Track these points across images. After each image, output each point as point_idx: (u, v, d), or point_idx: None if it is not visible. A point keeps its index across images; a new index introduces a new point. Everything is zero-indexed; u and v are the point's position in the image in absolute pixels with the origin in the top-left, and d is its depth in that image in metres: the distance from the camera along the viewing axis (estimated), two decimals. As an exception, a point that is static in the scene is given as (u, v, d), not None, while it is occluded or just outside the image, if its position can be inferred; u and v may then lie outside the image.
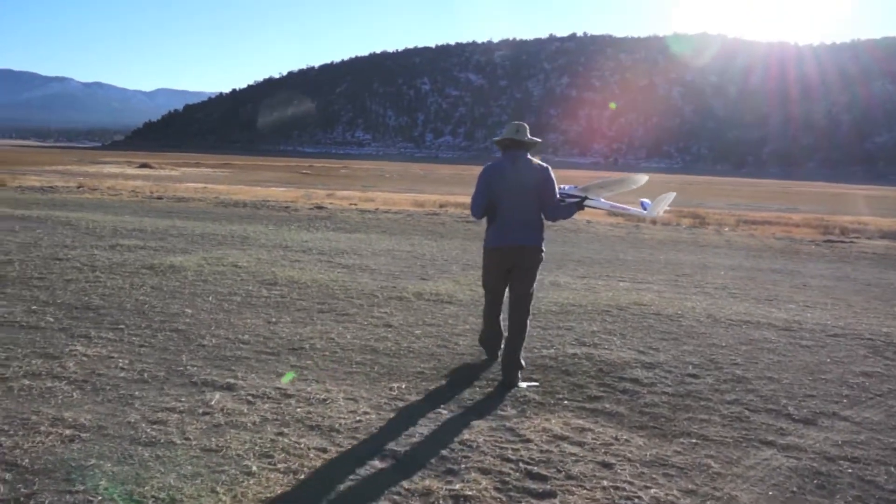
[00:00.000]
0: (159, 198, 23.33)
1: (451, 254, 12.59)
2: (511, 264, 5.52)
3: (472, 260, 11.80)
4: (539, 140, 5.83)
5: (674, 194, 7.48)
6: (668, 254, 14.49)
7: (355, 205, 24.03)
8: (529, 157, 5.62)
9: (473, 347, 6.23)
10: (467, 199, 30.13)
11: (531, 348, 6.17)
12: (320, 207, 21.57)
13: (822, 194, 78.93)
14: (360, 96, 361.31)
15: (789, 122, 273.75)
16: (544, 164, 5.57)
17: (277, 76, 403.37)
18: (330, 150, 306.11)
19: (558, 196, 5.71)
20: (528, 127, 5.69)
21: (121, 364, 5.25)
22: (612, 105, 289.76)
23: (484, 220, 5.76)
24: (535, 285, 5.62)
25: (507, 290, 5.70)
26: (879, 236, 22.29)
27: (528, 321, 5.58)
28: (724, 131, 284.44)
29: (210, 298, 7.65)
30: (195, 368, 5.24)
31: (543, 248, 5.59)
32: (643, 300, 8.70)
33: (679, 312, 8.06)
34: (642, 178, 6.73)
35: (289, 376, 5.19)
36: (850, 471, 4.01)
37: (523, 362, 5.52)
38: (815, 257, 15.49)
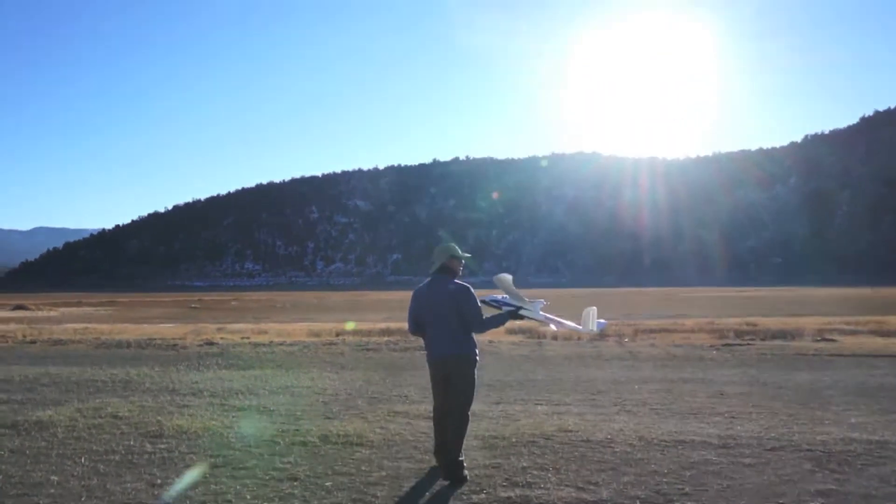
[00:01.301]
0: (33, 342, 21.58)
1: (354, 386, 11.77)
2: (445, 373, 6.12)
3: (378, 392, 11.04)
4: (450, 259, 6.27)
5: (594, 308, 7.07)
6: (576, 370, 14.10)
7: (248, 338, 22.85)
8: (456, 279, 6.24)
9: (392, 497, 5.47)
10: (362, 326, 29.47)
11: (459, 495, 5.48)
12: (211, 343, 20.37)
13: (703, 298, 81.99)
14: (249, 227, 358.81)
15: (666, 230, 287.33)
16: (464, 285, 6.14)
17: (163, 210, 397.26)
18: (219, 282, 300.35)
19: (495, 304, 6.43)
20: (448, 251, 6.29)
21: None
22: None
23: None
24: (470, 400, 6.14)
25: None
26: (772, 336, 22.75)
27: (466, 423, 6.13)
28: (606, 243, 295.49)
29: (82, 460, 6.61)
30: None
31: (475, 355, 6.13)
32: (567, 426, 8.13)
33: (609, 437, 7.52)
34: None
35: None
36: None
37: (462, 459, 6.09)
38: (719, 363, 15.43)
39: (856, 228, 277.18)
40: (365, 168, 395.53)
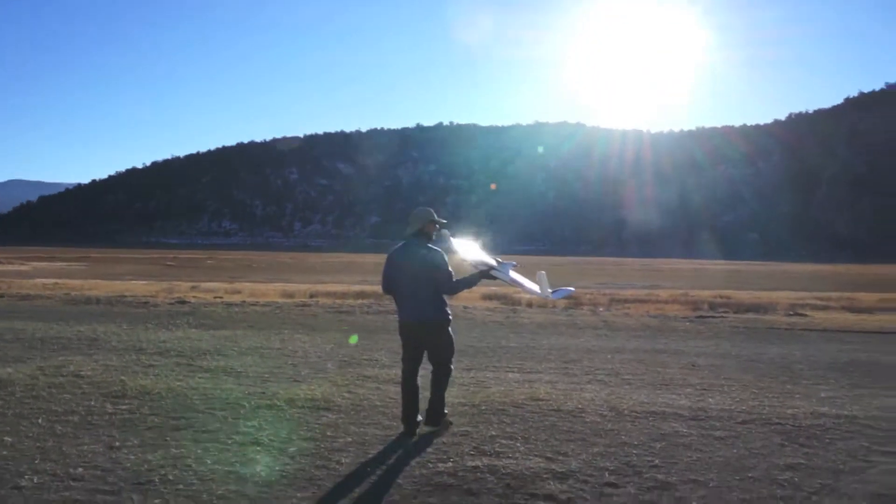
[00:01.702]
0: (0, 296, 21.23)
1: (325, 349, 11.62)
2: (417, 337, 6.35)
3: (349, 355, 10.90)
4: (427, 224, 6.42)
5: (543, 272, 6.98)
6: (549, 338, 14.05)
7: (221, 297, 22.61)
8: (429, 244, 6.39)
9: (357, 464, 5.36)
10: (338, 288, 29.32)
11: (425, 463, 5.37)
12: (183, 302, 20.12)
13: (681, 270, 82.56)
14: (227, 186, 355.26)
15: (645, 204, 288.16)
16: (436, 249, 6.34)
17: (140, 166, 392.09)
18: (195, 240, 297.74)
19: (472, 265, 6.66)
20: (424, 215, 6.44)
21: None
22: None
23: None
24: (452, 354, 6.45)
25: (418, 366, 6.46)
26: (745, 310, 22.86)
27: (448, 377, 6.48)
28: (586, 214, 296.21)
29: (39, 420, 6.42)
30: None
31: (447, 317, 6.31)
32: (538, 394, 8.04)
33: (580, 407, 7.44)
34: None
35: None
36: None
37: (446, 411, 6.55)
38: (692, 334, 15.44)
39: (836, 207, 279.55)
40: (348, 130, 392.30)
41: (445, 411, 6.52)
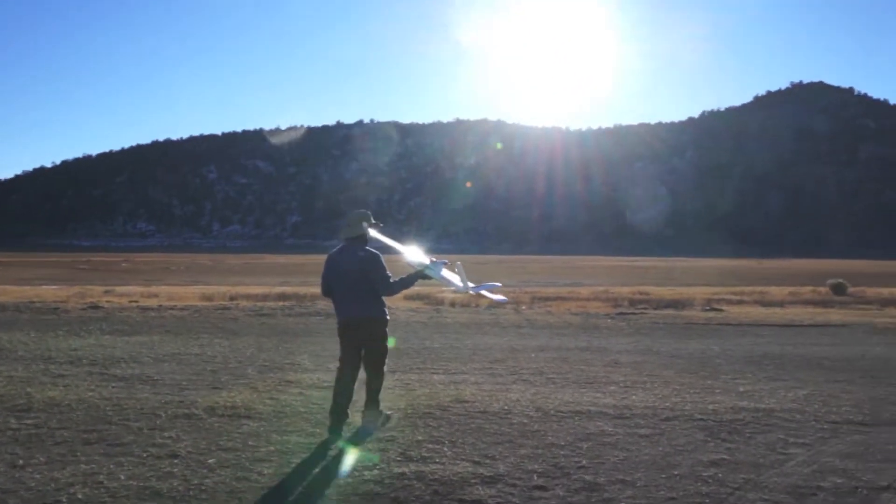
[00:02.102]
0: None
1: (245, 354, 11.33)
2: (355, 336, 6.45)
3: (271, 360, 10.65)
4: (360, 226, 6.58)
5: (460, 264, 7.00)
6: (474, 338, 14.06)
7: (136, 302, 21.89)
8: (366, 246, 6.56)
9: (280, 475, 5.18)
10: (259, 290, 28.78)
11: (351, 472, 5.23)
12: (96, 307, 19.39)
13: (601, 267, 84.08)
14: (143, 185, 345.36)
15: (565, 201, 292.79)
16: (373, 251, 6.47)
17: (50, 165, 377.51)
18: (110, 242, 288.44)
19: (409, 264, 6.79)
20: (363, 218, 6.63)
21: None
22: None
23: None
24: (386, 354, 6.61)
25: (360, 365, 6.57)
26: (664, 306, 23.38)
27: (383, 376, 6.68)
28: (508, 212, 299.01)
29: (-64, 440, 6.02)
30: None
31: (384, 316, 6.50)
32: (464, 396, 7.98)
33: (506, 408, 7.40)
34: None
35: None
36: None
37: (381, 408, 6.70)
38: (614, 332, 15.67)
39: (746, 203, 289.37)
40: (266, 128, 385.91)
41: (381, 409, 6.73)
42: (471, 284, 6.82)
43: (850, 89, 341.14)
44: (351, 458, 5.63)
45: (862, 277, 51.50)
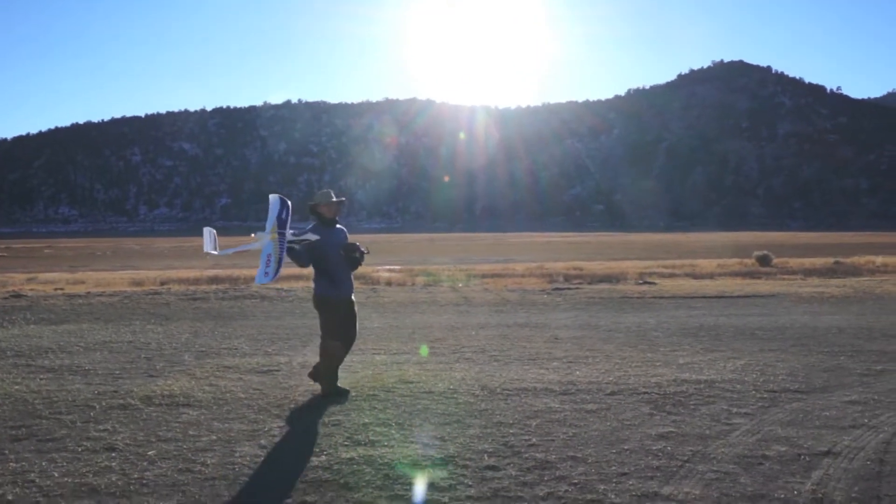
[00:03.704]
0: None
1: (180, 339, 11.01)
2: (350, 311, 7.17)
3: (207, 345, 10.37)
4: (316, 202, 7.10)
5: (209, 228, 7.13)
6: (412, 317, 13.98)
7: (62, 289, 21.12)
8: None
9: (224, 465, 5.00)
10: (190, 274, 28.10)
11: (299, 459, 5.07)
12: (18, 296, 18.61)
13: (532, 244, 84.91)
14: (63, 169, 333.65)
15: (496, 179, 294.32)
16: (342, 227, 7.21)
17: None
18: (31, 228, 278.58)
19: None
20: (325, 197, 7.14)
21: None
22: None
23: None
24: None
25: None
26: (598, 280, 23.66)
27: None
28: (439, 190, 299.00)
29: None
30: None
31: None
32: (408, 376, 7.88)
33: (451, 387, 7.32)
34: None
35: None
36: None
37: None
38: (551, 307, 15.77)
39: (671, 179, 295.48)
40: (191, 109, 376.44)
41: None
42: (214, 250, 7.04)
43: (768, 68, 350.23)
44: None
45: (784, 249, 53.22)
